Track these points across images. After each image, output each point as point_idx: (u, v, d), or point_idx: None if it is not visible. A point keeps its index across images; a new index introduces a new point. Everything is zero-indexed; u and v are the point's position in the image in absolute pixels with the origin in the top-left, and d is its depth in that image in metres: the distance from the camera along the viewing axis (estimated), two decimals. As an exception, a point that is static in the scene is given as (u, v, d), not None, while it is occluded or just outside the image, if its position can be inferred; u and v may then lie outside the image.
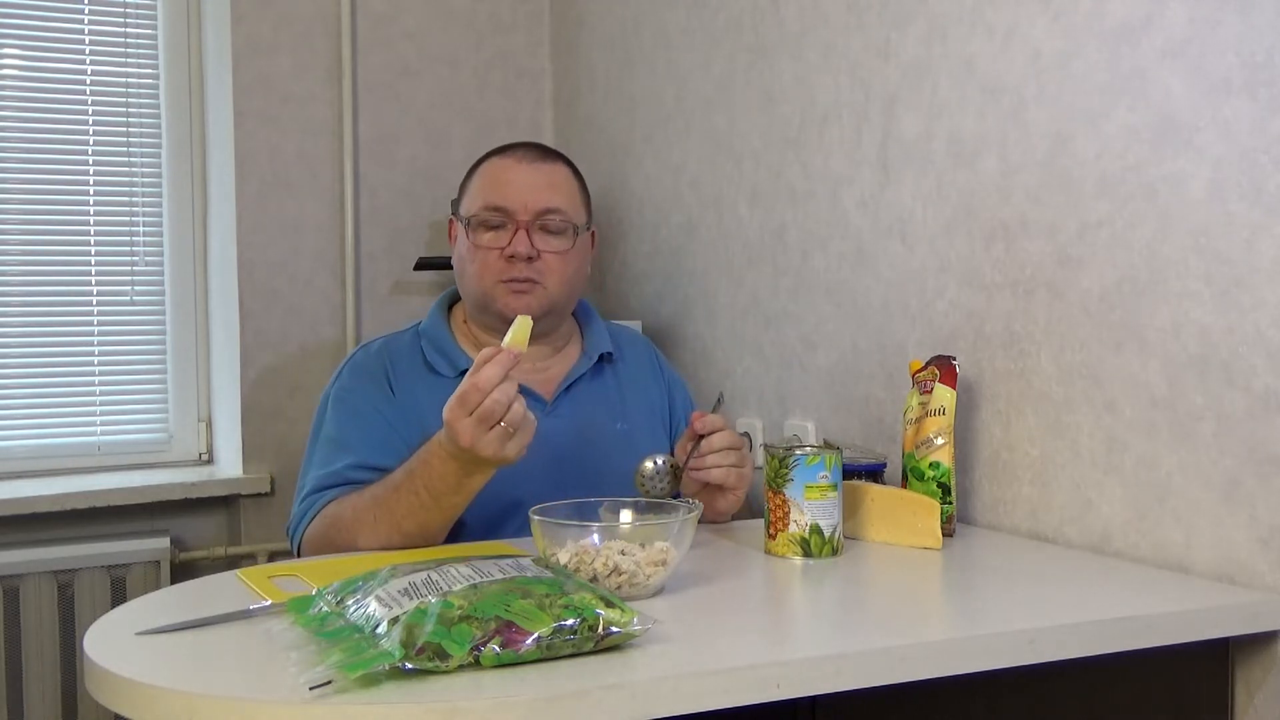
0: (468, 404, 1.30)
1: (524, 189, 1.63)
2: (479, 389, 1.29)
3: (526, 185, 1.64)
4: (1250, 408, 1.23)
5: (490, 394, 1.29)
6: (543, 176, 1.66)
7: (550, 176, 1.67)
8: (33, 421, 2.46)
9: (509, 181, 1.65)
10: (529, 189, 1.64)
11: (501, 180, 1.65)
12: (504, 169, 1.66)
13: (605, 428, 1.67)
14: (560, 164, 1.70)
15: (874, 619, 1.14)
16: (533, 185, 1.64)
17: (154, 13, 2.53)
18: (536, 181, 1.65)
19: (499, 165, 1.68)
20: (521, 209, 1.62)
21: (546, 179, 1.66)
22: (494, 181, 1.66)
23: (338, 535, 1.46)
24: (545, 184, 1.65)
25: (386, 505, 1.42)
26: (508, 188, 1.64)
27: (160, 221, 2.56)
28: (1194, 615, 1.15)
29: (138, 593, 2.20)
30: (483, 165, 1.70)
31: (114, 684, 0.95)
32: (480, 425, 1.30)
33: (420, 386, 1.62)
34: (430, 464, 1.39)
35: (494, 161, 1.69)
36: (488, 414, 1.29)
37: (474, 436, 1.30)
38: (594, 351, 1.72)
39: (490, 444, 1.31)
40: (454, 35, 2.65)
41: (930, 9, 1.64)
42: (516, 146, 1.71)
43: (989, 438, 1.55)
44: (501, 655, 0.92)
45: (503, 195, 1.63)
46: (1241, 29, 1.23)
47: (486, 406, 1.29)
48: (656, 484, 1.50)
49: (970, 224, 1.58)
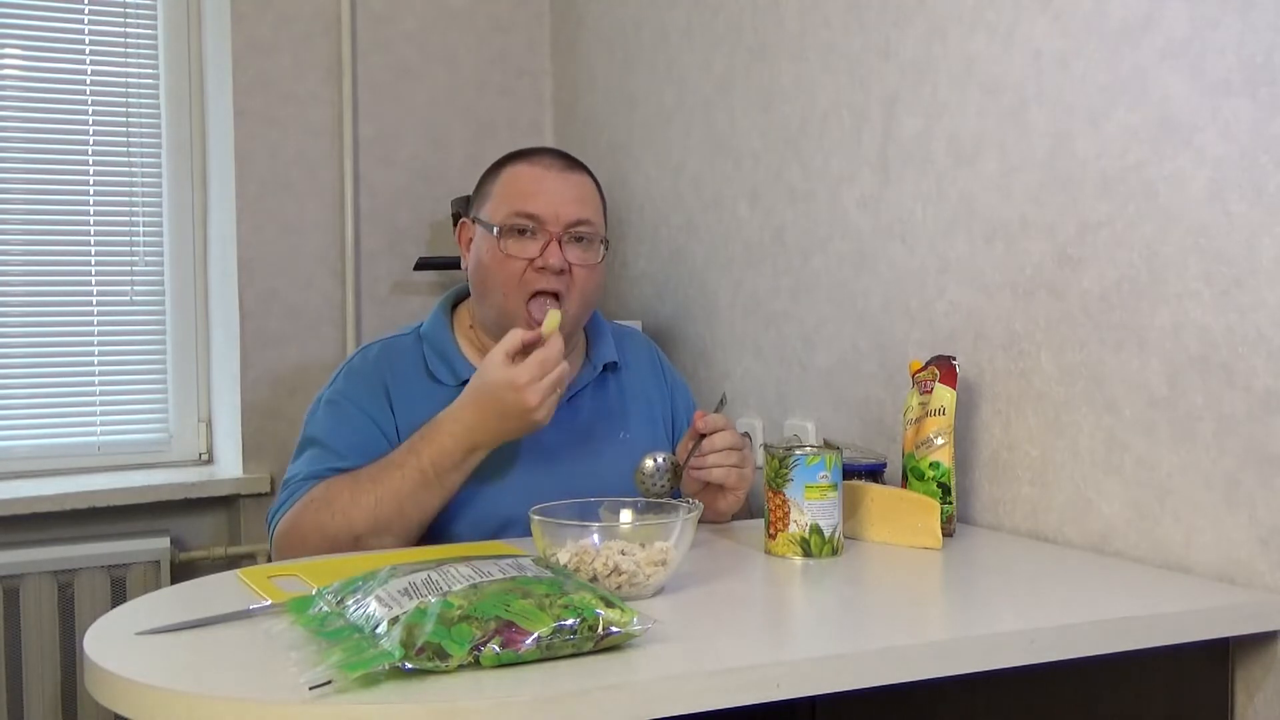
0: (546, 368, 1.44)
1: (555, 198, 1.60)
2: (553, 359, 1.44)
3: (558, 195, 1.60)
4: (1250, 408, 1.23)
5: (561, 365, 1.45)
6: (572, 187, 1.62)
7: (579, 188, 1.63)
8: (33, 421, 2.46)
9: (540, 190, 1.60)
10: (560, 199, 1.60)
11: (532, 188, 1.60)
12: (534, 177, 1.61)
13: (607, 438, 1.66)
14: (585, 174, 1.67)
15: (874, 619, 1.14)
16: (563, 195, 1.60)
17: (154, 13, 2.53)
18: (567, 192, 1.61)
19: (527, 173, 1.62)
20: (553, 219, 1.58)
21: (576, 190, 1.62)
22: (523, 189, 1.60)
23: (318, 514, 1.46)
24: (575, 195, 1.62)
25: (387, 484, 1.46)
26: (539, 196, 1.59)
27: (160, 221, 2.56)
28: (1194, 615, 1.15)
29: (138, 593, 2.20)
30: (506, 170, 1.65)
31: (114, 684, 0.95)
32: (551, 391, 1.44)
33: (419, 393, 1.60)
34: (437, 440, 1.47)
35: (520, 168, 1.64)
36: (559, 381, 1.45)
37: (543, 398, 1.44)
38: (599, 362, 1.70)
39: (548, 407, 1.45)
40: (454, 35, 2.65)
41: (930, 9, 1.64)
42: (539, 153, 1.67)
43: (989, 438, 1.55)
44: (501, 655, 0.92)
45: (534, 203, 1.59)
46: (1241, 29, 1.23)
47: (558, 375, 1.45)
48: (656, 482, 1.50)
49: (970, 224, 1.58)
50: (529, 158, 1.65)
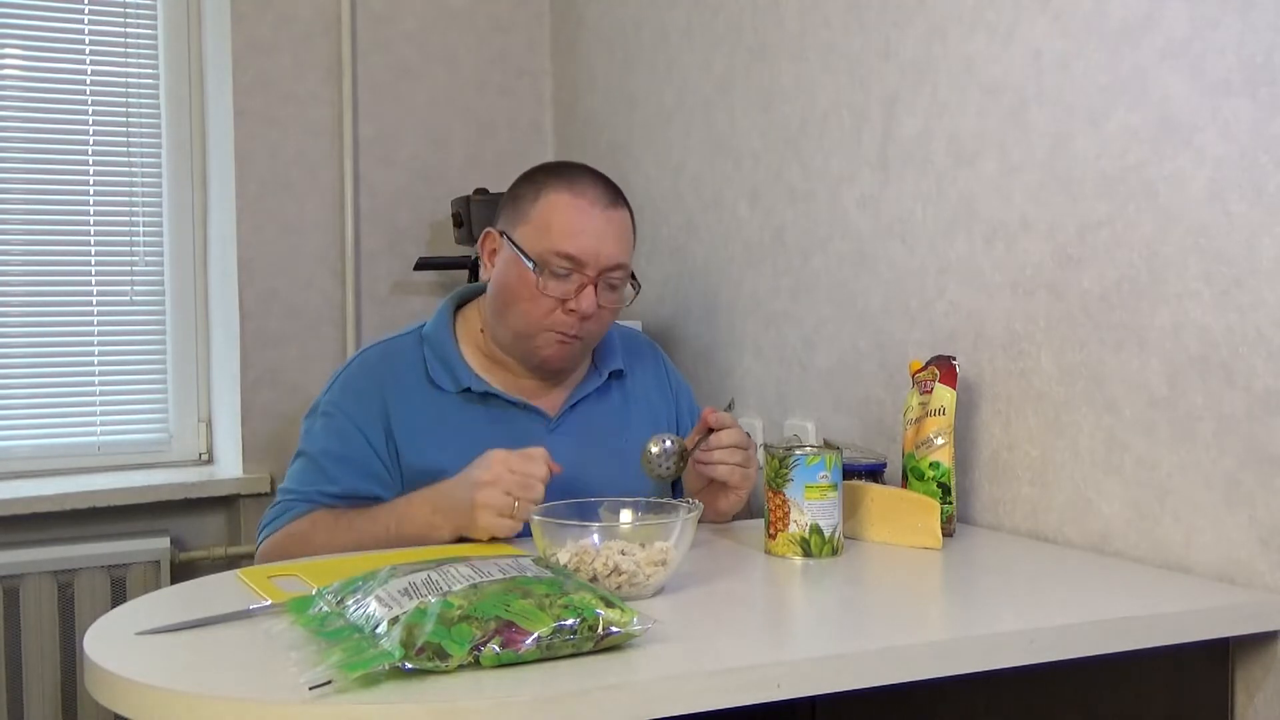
0: (518, 489, 1.39)
1: (597, 240, 1.55)
2: (531, 492, 1.39)
3: (600, 236, 1.56)
4: (1250, 408, 1.23)
5: (533, 493, 1.40)
6: (614, 227, 1.58)
7: (620, 227, 1.59)
8: (33, 421, 2.46)
9: (583, 230, 1.55)
10: (601, 240, 1.55)
11: (575, 227, 1.55)
12: (578, 213, 1.56)
13: (610, 445, 1.64)
14: (625, 209, 1.62)
15: (874, 619, 1.14)
16: (604, 236, 1.56)
17: (154, 13, 2.53)
18: (608, 232, 1.57)
19: (573, 206, 1.56)
20: (593, 262, 1.54)
21: (617, 230, 1.58)
22: (567, 226, 1.55)
23: (296, 547, 1.49)
24: (615, 236, 1.58)
25: (362, 534, 1.48)
26: (581, 237, 1.54)
27: (160, 221, 2.56)
28: (1194, 615, 1.15)
29: (138, 593, 2.20)
30: (547, 195, 1.58)
31: (114, 684, 0.95)
32: (502, 503, 1.39)
33: (418, 400, 1.59)
34: (413, 502, 1.48)
35: (562, 198, 1.57)
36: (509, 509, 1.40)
37: (491, 501, 1.39)
38: (604, 369, 1.70)
39: (491, 513, 1.40)
40: (454, 35, 2.65)
41: (930, 9, 1.64)
42: (581, 180, 1.60)
43: (989, 438, 1.55)
44: (501, 655, 0.92)
45: (577, 245, 1.54)
46: (1241, 29, 1.23)
47: (519, 503, 1.39)
48: (663, 464, 1.49)
49: (970, 224, 1.58)
50: (572, 185, 1.58)
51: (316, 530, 1.51)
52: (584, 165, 1.67)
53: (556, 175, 1.61)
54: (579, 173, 1.62)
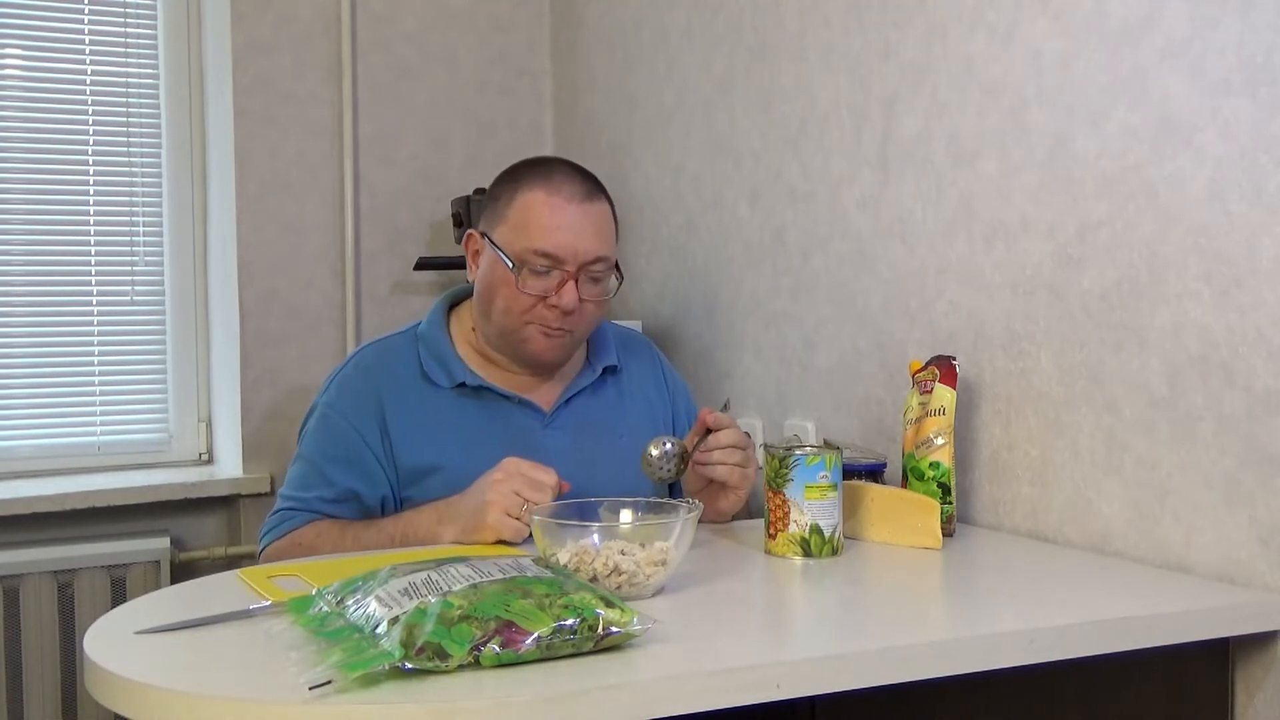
0: (528, 489, 1.41)
1: (574, 235, 1.55)
2: (540, 494, 1.41)
3: (576, 231, 1.56)
4: (1250, 408, 1.23)
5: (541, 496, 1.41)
6: (591, 221, 1.58)
7: (598, 220, 1.59)
8: (33, 421, 2.46)
9: (559, 226, 1.55)
10: (579, 235, 1.56)
11: (551, 224, 1.55)
12: (554, 210, 1.56)
13: (605, 440, 1.65)
14: (602, 200, 1.62)
15: (874, 619, 1.14)
16: (582, 231, 1.56)
17: (154, 13, 2.53)
18: (585, 227, 1.57)
19: (547, 204, 1.56)
20: (571, 258, 1.55)
21: (595, 224, 1.58)
22: (543, 224, 1.55)
23: (298, 558, 1.49)
24: (594, 229, 1.58)
25: (366, 545, 1.49)
26: (558, 233, 1.55)
27: (160, 221, 2.56)
28: (1194, 615, 1.15)
29: (138, 593, 2.20)
30: (522, 195, 1.58)
31: (114, 684, 0.95)
32: (513, 499, 1.41)
33: (414, 398, 1.60)
34: (422, 512, 1.50)
35: (539, 197, 1.57)
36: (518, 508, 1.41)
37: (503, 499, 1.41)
38: (599, 364, 1.70)
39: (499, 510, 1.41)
40: (454, 35, 2.65)
41: (930, 9, 1.64)
42: (556, 174, 1.60)
43: (989, 438, 1.55)
44: (501, 655, 0.92)
45: (553, 242, 1.54)
46: (1241, 29, 1.23)
47: (528, 502, 1.40)
48: (663, 466, 1.49)
49: (970, 224, 1.58)
50: (547, 182, 1.58)
51: (321, 540, 1.52)
52: (561, 159, 1.67)
53: (532, 172, 1.62)
54: (555, 168, 1.62)
